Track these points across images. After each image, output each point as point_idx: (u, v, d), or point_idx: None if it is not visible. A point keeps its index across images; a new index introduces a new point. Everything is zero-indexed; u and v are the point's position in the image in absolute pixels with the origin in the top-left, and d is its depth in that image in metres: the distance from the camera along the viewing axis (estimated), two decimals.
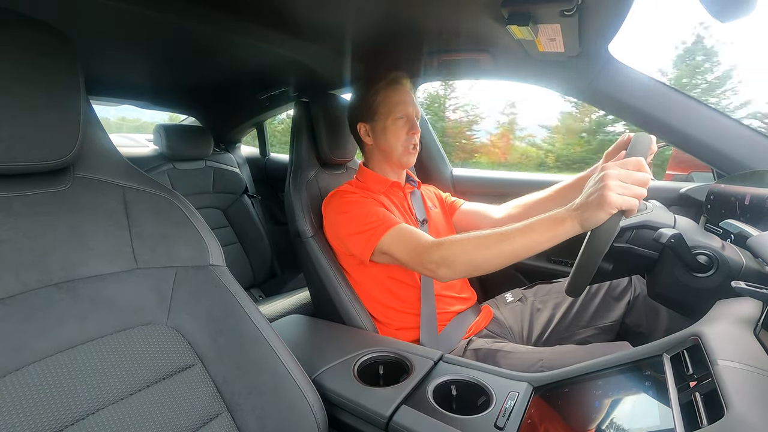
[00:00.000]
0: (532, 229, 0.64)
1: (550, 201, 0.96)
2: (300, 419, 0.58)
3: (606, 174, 0.56)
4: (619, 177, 0.55)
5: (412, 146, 0.96)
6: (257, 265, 1.84)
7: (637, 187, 0.55)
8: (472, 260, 0.69)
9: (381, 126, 0.95)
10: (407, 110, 0.94)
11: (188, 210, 0.61)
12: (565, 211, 0.61)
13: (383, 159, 1.00)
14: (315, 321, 0.96)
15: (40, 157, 0.46)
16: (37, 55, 0.45)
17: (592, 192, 0.57)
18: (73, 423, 0.43)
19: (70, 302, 0.46)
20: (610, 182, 0.54)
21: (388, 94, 0.94)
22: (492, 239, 0.67)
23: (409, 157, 0.97)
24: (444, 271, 0.72)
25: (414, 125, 0.95)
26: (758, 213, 0.69)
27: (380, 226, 0.82)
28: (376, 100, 0.95)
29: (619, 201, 0.54)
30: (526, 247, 0.64)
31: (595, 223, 0.56)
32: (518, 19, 0.72)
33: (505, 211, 1.04)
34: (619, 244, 0.73)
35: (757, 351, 0.45)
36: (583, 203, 0.58)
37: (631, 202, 0.54)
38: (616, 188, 0.54)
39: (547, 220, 0.63)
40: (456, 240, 0.72)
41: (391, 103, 0.94)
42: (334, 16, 0.91)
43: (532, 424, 0.55)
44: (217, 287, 0.58)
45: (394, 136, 0.95)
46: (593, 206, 0.56)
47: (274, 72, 1.35)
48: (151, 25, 0.90)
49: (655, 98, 0.89)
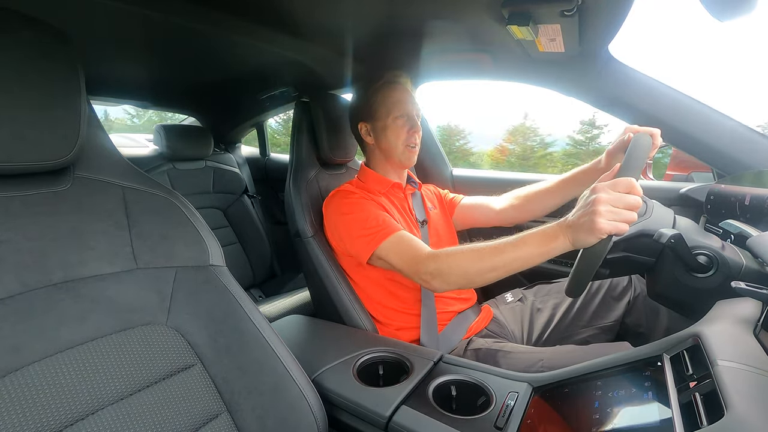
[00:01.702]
0: (525, 244, 0.65)
1: (550, 193, 0.96)
2: (300, 419, 0.58)
3: (596, 198, 0.56)
4: (609, 201, 0.55)
5: (413, 145, 0.96)
6: (257, 265, 1.84)
7: (627, 211, 0.55)
8: (466, 274, 0.70)
9: (381, 125, 0.95)
10: (407, 109, 0.94)
11: (188, 210, 0.61)
12: (557, 228, 0.62)
13: (384, 158, 0.99)
14: (315, 321, 0.96)
15: (40, 157, 0.46)
16: (37, 55, 0.45)
17: (583, 215, 0.57)
18: (73, 423, 0.43)
19: (69, 302, 0.46)
20: (600, 207, 0.55)
21: (387, 93, 0.94)
22: (486, 253, 0.68)
23: (410, 156, 0.97)
24: (438, 283, 0.73)
25: (414, 123, 0.95)
26: (758, 213, 0.69)
27: (380, 231, 0.82)
28: (376, 100, 0.95)
29: (608, 227, 0.54)
30: (519, 262, 0.65)
31: (585, 244, 0.57)
32: (518, 19, 0.72)
33: (506, 201, 1.04)
34: (616, 255, 0.73)
35: (757, 351, 0.45)
36: (574, 223, 0.59)
37: (620, 228, 0.54)
38: (606, 214, 0.54)
39: (540, 235, 0.64)
40: (451, 253, 0.73)
41: (390, 101, 0.94)
42: (334, 16, 0.91)
43: (532, 424, 0.55)
44: (217, 287, 0.58)
45: (394, 135, 0.95)
46: (584, 230, 0.56)
47: (274, 72, 1.35)
48: (151, 25, 0.90)
49: (655, 98, 0.89)
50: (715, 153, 0.86)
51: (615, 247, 0.73)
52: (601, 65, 0.90)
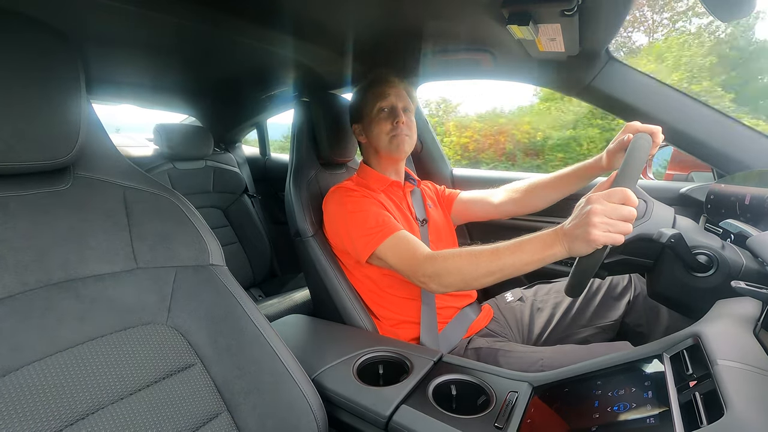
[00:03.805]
0: (522, 250, 0.65)
1: (549, 187, 0.96)
2: (300, 419, 0.58)
3: (591, 210, 0.56)
4: (604, 213, 0.55)
5: (395, 134, 0.93)
6: (257, 264, 1.83)
7: (621, 222, 0.55)
8: (463, 277, 0.71)
9: (368, 121, 0.96)
10: (389, 101, 0.94)
11: (188, 210, 0.61)
12: (554, 235, 0.62)
13: (376, 155, 1.00)
14: (315, 321, 0.96)
15: (40, 157, 0.46)
16: (37, 55, 0.45)
17: (578, 225, 0.57)
18: (73, 423, 0.43)
19: (70, 302, 0.46)
20: (594, 219, 0.55)
21: (371, 90, 0.96)
22: (483, 257, 0.69)
23: (396, 146, 0.93)
24: (435, 285, 0.74)
25: (396, 114, 0.93)
26: (758, 213, 0.69)
27: (380, 231, 0.82)
28: (363, 98, 0.97)
29: (603, 239, 0.54)
30: (515, 267, 0.66)
31: (580, 254, 0.58)
32: (518, 19, 0.72)
33: (505, 195, 1.04)
34: (614, 258, 0.73)
35: (756, 351, 0.45)
36: (569, 233, 0.59)
37: (615, 239, 0.54)
38: (601, 225, 0.54)
39: (538, 242, 0.64)
40: (449, 256, 0.73)
41: (372, 96, 0.95)
42: (334, 16, 0.91)
43: (532, 423, 0.55)
44: (217, 287, 0.58)
45: (378, 128, 0.95)
46: (579, 240, 0.57)
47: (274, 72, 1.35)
48: (151, 25, 0.90)
49: (655, 98, 0.89)
50: (715, 153, 0.86)
51: (613, 251, 0.73)
52: (601, 65, 0.90)
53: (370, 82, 0.97)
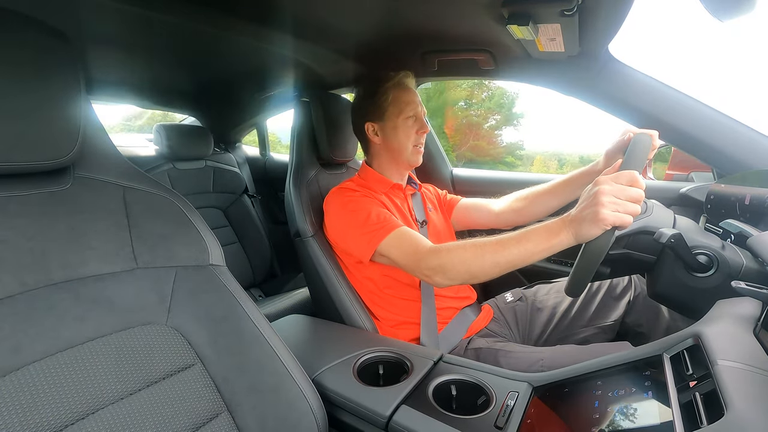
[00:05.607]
0: (528, 240, 0.65)
1: (549, 195, 0.96)
2: (300, 419, 0.58)
3: (599, 190, 0.56)
4: (612, 193, 0.55)
5: (420, 145, 0.98)
6: (257, 265, 1.83)
7: (630, 203, 0.55)
8: (468, 269, 0.70)
9: (391, 125, 0.96)
10: (417, 110, 0.96)
11: (188, 210, 0.61)
12: (560, 222, 0.62)
13: (391, 158, 1.00)
14: (315, 321, 0.96)
15: (40, 157, 0.46)
16: (37, 55, 0.45)
17: (586, 207, 0.57)
18: (73, 423, 0.43)
19: (69, 302, 0.46)
20: (603, 198, 0.55)
21: (398, 94, 0.95)
22: (488, 248, 0.68)
23: (417, 156, 0.98)
24: (440, 278, 0.73)
25: (424, 124, 0.97)
26: (758, 213, 0.69)
27: (382, 228, 0.82)
28: (387, 100, 0.95)
29: (612, 218, 0.54)
30: (521, 258, 0.65)
31: (588, 237, 0.57)
32: (518, 19, 0.72)
33: (505, 204, 1.04)
34: (617, 251, 0.73)
35: (757, 351, 0.45)
36: (577, 217, 0.59)
37: (624, 219, 0.54)
38: (610, 205, 0.54)
39: (543, 230, 0.64)
40: (453, 248, 0.72)
41: (401, 102, 0.95)
42: (334, 16, 0.91)
43: (532, 424, 0.55)
44: (217, 287, 0.58)
45: (405, 135, 0.95)
46: (587, 222, 0.56)
47: (274, 72, 1.35)
48: (151, 25, 0.90)
49: (655, 98, 0.89)
50: (715, 153, 0.86)
51: (616, 244, 0.73)
52: (601, 65, 0.90)
53: (395, 84, 0.96)
